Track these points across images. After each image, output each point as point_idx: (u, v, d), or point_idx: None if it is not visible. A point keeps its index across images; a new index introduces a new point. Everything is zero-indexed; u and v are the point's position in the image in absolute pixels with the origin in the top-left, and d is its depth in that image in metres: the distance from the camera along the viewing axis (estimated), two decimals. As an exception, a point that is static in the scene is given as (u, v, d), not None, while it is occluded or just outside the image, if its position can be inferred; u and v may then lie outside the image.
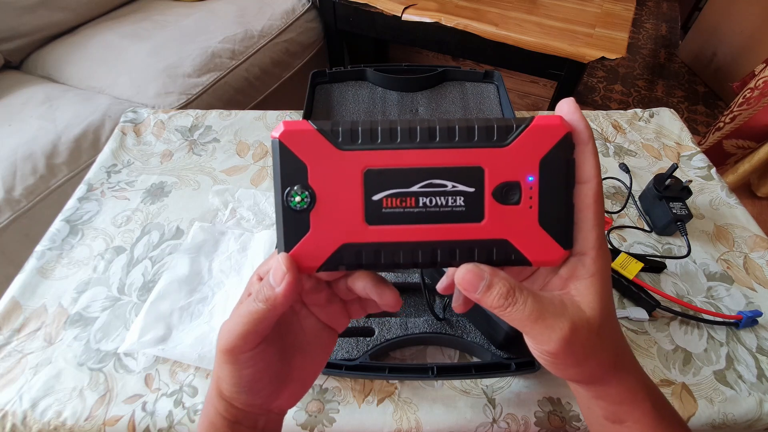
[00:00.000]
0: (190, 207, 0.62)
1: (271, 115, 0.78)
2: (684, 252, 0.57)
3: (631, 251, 0.58)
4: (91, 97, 1.04)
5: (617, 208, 0.65)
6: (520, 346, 0.46)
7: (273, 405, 0.27)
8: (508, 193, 0.22)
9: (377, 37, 1.37)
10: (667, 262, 0.57)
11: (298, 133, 0.22)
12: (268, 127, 0.76)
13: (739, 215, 0.64)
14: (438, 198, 0.22)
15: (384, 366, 0.45)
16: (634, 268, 0.54)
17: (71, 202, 0.63)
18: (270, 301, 0.22)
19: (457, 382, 0.47)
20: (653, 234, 0.62)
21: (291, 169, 0.22)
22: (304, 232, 0.22)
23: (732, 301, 0.54)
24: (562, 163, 0.22)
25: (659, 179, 0.61)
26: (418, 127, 0.22)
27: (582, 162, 0.22)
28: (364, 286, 0.25)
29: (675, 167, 0.59)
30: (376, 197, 0.22)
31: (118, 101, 1.04)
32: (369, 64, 0.71)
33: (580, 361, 0.23)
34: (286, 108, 0.81)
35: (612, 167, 0.71)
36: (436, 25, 1.22)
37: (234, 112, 0.78)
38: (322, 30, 1.44)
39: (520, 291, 0.22)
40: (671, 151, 0.74)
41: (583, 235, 0.22)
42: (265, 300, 0.23)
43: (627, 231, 0.62)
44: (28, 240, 0.85)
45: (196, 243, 0.57)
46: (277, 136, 0.22)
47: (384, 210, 0.22)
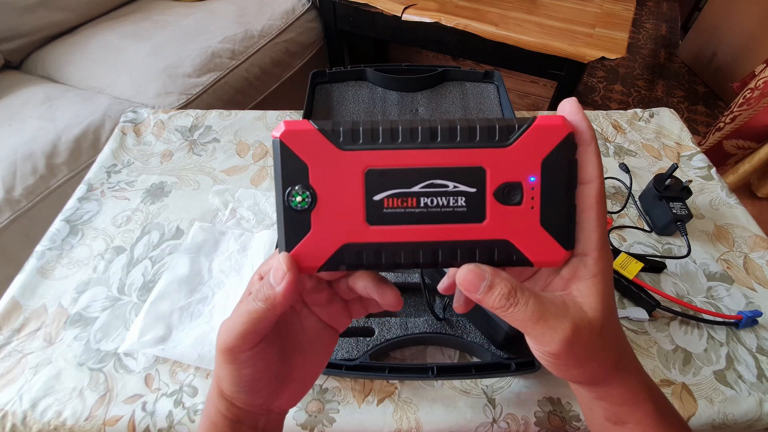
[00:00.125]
0: (190, 207, 0.62)
1: (271, 115, 0.78)
2: (684, 252, 0.57)
3: (631, 251, 0.58)
4: (91, 97, 1.04)
5: (617, 208, 0.65)
6: (520, 346, 0.46)
7: (274, 405, 0.27)
8: (509, 193, 0.22)
9: (377, 37, 1.37)
10: (667, 262, 0.57)
11: (299, 132, 0.22)
12: (268, 127, 0.76)
13: (739, 215, 0.64)
14: (439, 198, 0.22)
15: (384, 366, 0.45)
16: (634, 268, 0.54)
17: (71, 202, 0.63)
18: (269, 300, 0.22)
19: (457, 382, 0.47)
20: (653, 234, 0.62)
21: (292, 168, 0.22)
22: (305, 232, 0.22)
23: (732, 301, 0.54)
24: (564, 164, 0.22)
25: (659, 179, 0.61)
26: (420, 127, 0.22)
27: (584, 162, 0.22)
28: (365, 285, 0.25)
29: (675, 167, 0.59)
30: (378, 197, 0.22)
31: (118, 101, 1.04)
32: (369, 64, 0.71)
33: (582, 362, 0.23)
34: (286, 108, 0.81)
35: (612, 167, 0.71)
36: (436, 25, 1.22)
37: (234, 112, 0.78)
38: (322, 30, 1.44)
39: (521, 291, 0.22)
40: (671, 151, 0.74)
41: (585, 236, 0.22)
42: (264, 299, 0.23)
43: (627, 231, 0.62)
44: (28, 240, 0.85)
45: (196, 243, 0.57)
46: (278, 135, 0.22)
47: (385, 210, 0.22)
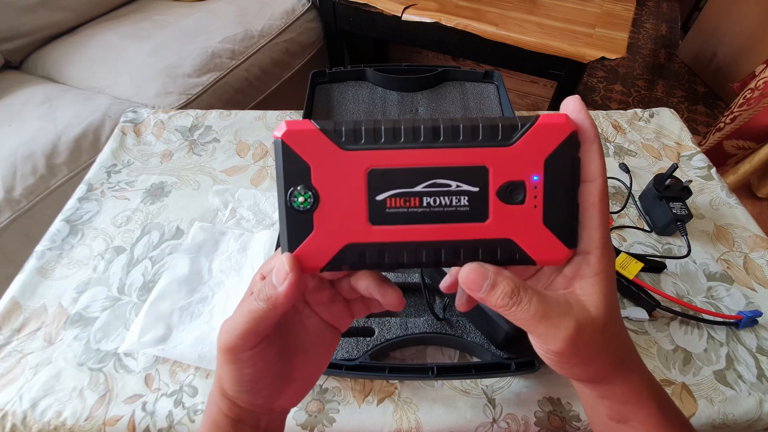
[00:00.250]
0: (190, 207, 0.62)
1: (271, 115, 0.78)
2: (684, 252, 0.57)
3: (631, 251, 0.58)
4: (91, 97, 1.04)
5: (617, 208, 0.65)
6: (520, 346, 0.46)
7: (275, 404, 0.27)
8: (512, 192, 0.22)
9: (377, 37, 1.37)
10: (667, 262, 0.57)
11: (300, 132, 0.22)
12: (268, 127, 0.76)
13: (739, 215, 0.64)
14: (442, 198, 0.22)
15: (384, 366, 0.45)
16: (634, 268, 0.54)
17: (71, 202, 0.63)
18: (271, 300, 0.22)
19: (457, 382, 0.47)
20: (653, 234, 0.62)
21: (294, 169, 0.22)
22: (307, 233, 0.22)
23: (732, 301, 0.54)
24: (567, 162, 0.22)
25: (659, 179, 0.61)
26: (422, 126, 0.22)
27: (587, 161, 0.22)
28: (368, 285, 0.25)
29: (675, 167, 0.59)
30: (380, 197, 0.22)
31: (118, 101, 1.04)
32: (369, 64, 0.71)
33: (586, 360, 0.23)
34: (286, 108, 0.81)
35: (612, 167, 0.71)
36: (436, 25, 1.22)
37: (234, 112, 0.78)
38: (322, 30, 1.44)
39: (524, 290, 0.22)
40: (671, 151, 0.74)
41: (587, 234, 0.22)
42: (266, 299, 0.23)
43: (627, 231, 0.62)
44: (28, 240, 0.85)
45: (196, 243, 0.57)
46: (279, 135, 0.22)
47: (388, 210, 0.22)
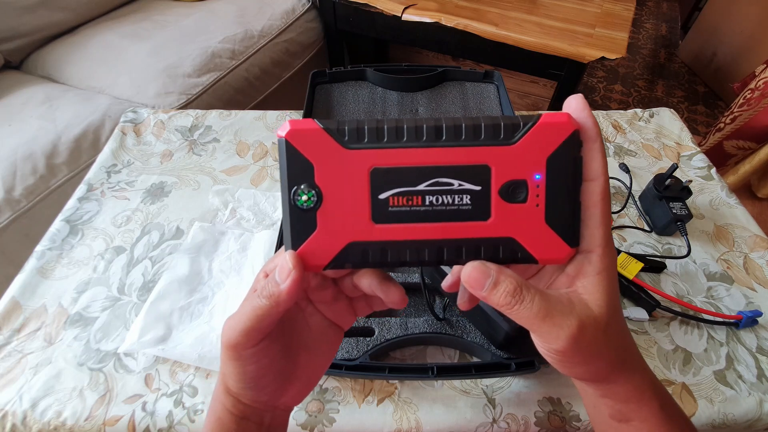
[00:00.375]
0: (190, 207, 0.62)
1: (271, 115, 0.78)
2: (684, 252, 0.57)
3: (631, 251, 0.58)
4: (91, 97, 1.04)
5: (617, 208, 0.65)
6: (520, 346, 0.46)
7: (279, 401, 0.27)
8: (514, 191, 0.22)
9: (377, 37, 1.37)
10: (667, 262, 0.57)
11: (304, 132, 0.22)
12: (268, 127, 0.76)
13: (739, 215, 0.64)
14: (444, 196, 0.22)
15: (384, 366, 0.45)
16: (634, 268, 0.54)
17: (71, 202, 0.63)
18: (274, 297, 0.23)
19: (457, 382, 0.47)
20: (653, 234, 0.62)
21: (298, 168, 0.22)
22: (311, 231, 0.22)
23: (732, 301, 0.54)
24: (569, 161, 0.22)
25: (659, 179, 0.61)
26: (425, 125, 0.22)
27: (589, 159, 0.22)
28: (370, 283, 0.25)
29: (675, 167, 0.59)
30: (383, 196, 0.22)
31: (118, 101, 1.04)
32: (369, 64, 0.71)
33: (588, 359, 0.23)
34: (286, 108, 0.81)
35: (612, 167, 0.71)
36: (436, 25, 1.22)
37: (234, 112, 0.78)
38: (322, 30, 1.44)
39: (527, 289, 0.22)
40: (671, 151, 0.74)
41: (590, 232, 0.22)
42: (269, 296, 0.23)
43: (627, 231, 0.62)
44: (28, 240, 0.85)
45: (196, 243, 0.57)
46: (283, 135, 0.22)
47: (390, 208, 0.22)
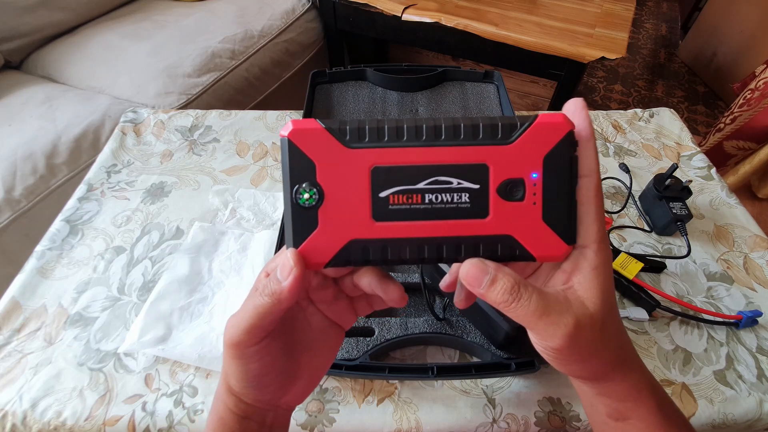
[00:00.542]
0: (190, 207, 0.62)
1: (271, 115, 0.78)
2: (684, 252, 0.57)
3: (631, 251, 0.58)
4: (91, 97, 1.04)
5: (617, 208, 0.65)
6: (520, 346, 0.46)
7: (281, 401, 0.27)
8: (512, 189, 0.22)
9: (377, 37, 1.37)
10: (667, 262, 0.57)
11: (306, 131, 0.22)
12: (268, 127, 0.76)
13: (739, 215, 0.64)
14: (443, 195, 0.22)
15: (384, 366, 0.45)
16: (634, 268, 0.54)
17: (71, 202, 0.63)
18: (276, 295, 0.23)
19: (457, 382, 0.47)
20: (653, 234, 0.62)
21: (300, 166, 0.22)
22: (312, 229, 0.23)
23: (732, 301, 0.54)
24: (565, 160, 0.22)
25: (659, 179, 0.61)
26: (424, 125, 0.22)
27: (583, 157, 0.23)
28: (370, 282, 0.25)
29: (675, 167, 0.59)
30: (383, 194, 0.22)
31: (118, 101, 1.04)
32: (369, 64, 0.71)
33: (585, 357, 0.24)
34: (286, 108, 0.81)
35: (612, 167, 0.71)
36: (436, 25, 1.22)
37: (234, 112, 0.78)
38: (322, 30, 1.44)
39: (524, 287, 0.22)
40: (671, 151, 0.74)
41: (584, 228, 0.23)
42: (271, 294, 0.23)
43: (627, 231, 0.62)
44: (28, 240, 0.85)
45: (196, 243, 0.57)
46: (286, 134, 0.22)
47: (391, 207, 0.23)
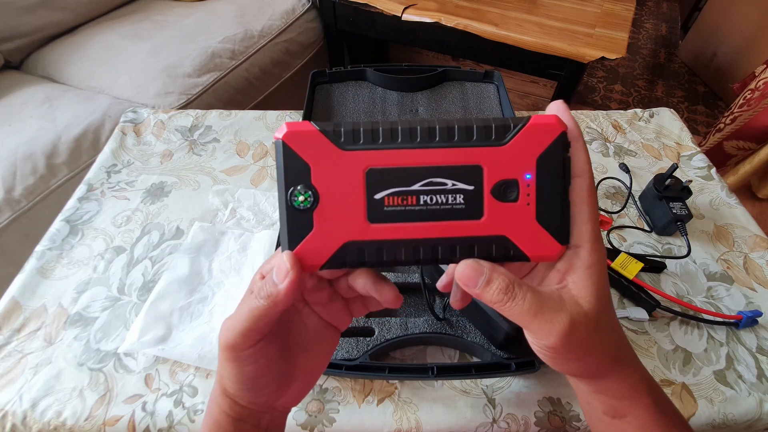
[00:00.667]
0: (190, 207, 0.62)
1: (271, 115, 0.78)
2: (684, 252, 0.57)
3: (631, 251, 0.58)
4: (91, 97, 1.04)
5: (617, 208, 0.65)
6: (520, 346, 0.46)
7: (277, 403, 0.27)
8: (506, 190, 0.23)
9: (377, 37, 1.37)
10: (667, 262, 0.57)
11: (301, 133, 0.22)
12: (268, 127, 0.76)
13: (739, 215, 0.64)
14: (438, 196, 0.23)
15: (384, 366, 0.45)
16: (634, 268, 0.54)
17: (71, 202, 0.63)
18: (271, 298, 0.23)
19: (457, 382, 0.47)
20: (653, 234, 0.62)
21: (294, 169, 0.22)
22: (307, 231, 0.23)
23: (732, 301, 0.54)
24: (558, 161, 0.22)
25: (659, 179, 0.61)
26: (419, 127, 0.22)
27: (575, 157, 0.23)
28: (365, 283, 0.25)
29: (675, 167, 0.59)
30: (378, 196, 0.22)
31: (118, 101, 1.04)
32: (369, 64, 0.71)
33: (581, 355, 0.24)
34: (286, 108, 0.81)
35: (612, 167, 0.71)
36: (436, 25, 1.22)
37: (234, 112, 0.78)
38: (322, 30, 1.44)
39: (519, 286, 0.22)
40: (671, 151, 0.74)
41: (578, 228, 0.23)
42: (266, 297, 0.23)
43: (627, 231, 0.62)
44: (28, 240, 0.85)
45: (196, 243, 0.57)
46: (280, 137, 0.22)
47: (386, 208, 0.23)
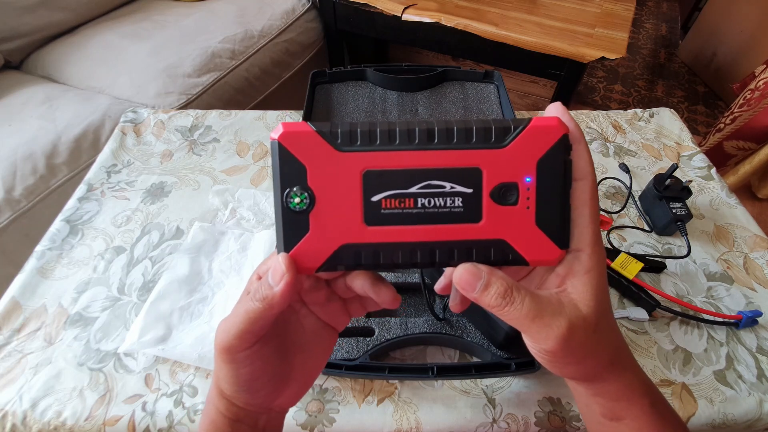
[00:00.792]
0: (190, 207, 0.62)
1: (271, 115, 0.78)
2: (684, 252, 0.57)
3: (631, 251, 0.58)
4: (91, 97, 1.04)
5: (617, 208, 0.65)
6: (520, 346, 0.46)
7: (274, 404, 0.27)
8: (505, 193, 0.22)
9: (377, 37, 1.37)
10: (667, 262, 0.57)
11: (297, 134, 0.22)
12: (268, 127, 0.76)
13: (739, 215, 0.64)
14: (436, 199, 0.22)
15: (384, 366, 0.45)
16: (634, 268, 0.54)
17: (71, 202, 0.63)
18: (267, 300, 0.22)
19: (457, 382, 0.47)
20: (653, 234, 0.62)
21: (290, 170, 0.22)
22: (303, 233, 0.22)
23: (732, 301, 0.54)
24: (559, 164, 0.22)
25: (659, 179, 0.61)
26: (417, 128, 0.22)
27: (576, 160, 0.22)
28: (362, 284, 0.25)
29: (675, 167, 0.59)
30: (375, 198, 0.22)
31: (118, 101, 1.04)
32: (369, 64, 0.71)
33: (579, 359, 0.23)
34: (286, 108, 0.81)
35: (612, 167, 0.71)
36: (436, 25, 1.22)
37: (234, 112, 0.78)
38: (322, 30, 1.44)
39: (517, 290, 0.22)
40: (671, 151, 0.74)
41: (579, 231, 0.23)
42: (262, 299, 0.23)
43: (627, 231, 0.62)
44: (28, 240, 0.85)
45: (196, 243, 0.57)
46: (276, 137, 0.22)
47: (383, 211, 0.22)
